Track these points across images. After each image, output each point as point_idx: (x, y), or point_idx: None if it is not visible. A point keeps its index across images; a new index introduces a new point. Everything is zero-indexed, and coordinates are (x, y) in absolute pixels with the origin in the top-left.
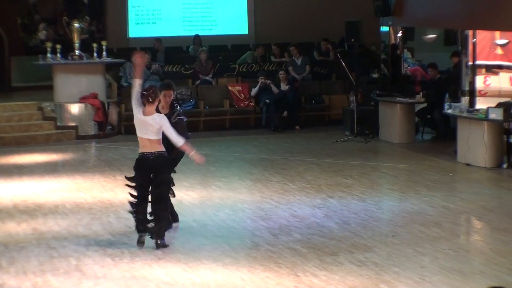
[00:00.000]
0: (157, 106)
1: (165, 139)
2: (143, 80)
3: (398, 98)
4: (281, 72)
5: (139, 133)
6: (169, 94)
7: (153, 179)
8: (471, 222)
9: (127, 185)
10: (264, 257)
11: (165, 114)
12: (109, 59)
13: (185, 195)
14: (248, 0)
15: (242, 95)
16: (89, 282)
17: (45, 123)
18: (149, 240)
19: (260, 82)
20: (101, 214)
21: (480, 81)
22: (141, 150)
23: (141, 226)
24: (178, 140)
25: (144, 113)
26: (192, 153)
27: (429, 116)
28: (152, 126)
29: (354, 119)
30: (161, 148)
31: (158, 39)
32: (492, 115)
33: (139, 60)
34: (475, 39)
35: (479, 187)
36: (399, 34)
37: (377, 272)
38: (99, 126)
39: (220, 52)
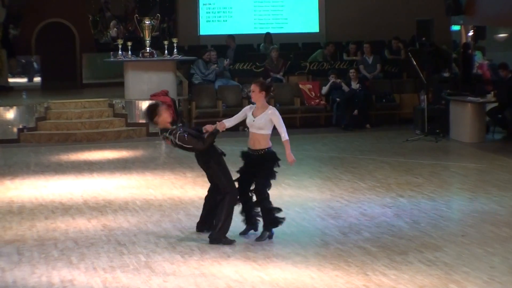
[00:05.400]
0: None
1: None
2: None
3: (469, 97)
4: (351, 71)
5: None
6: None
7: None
8: None
9: None
10: (333, 256)
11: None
12: (180, 57)
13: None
14: None
15: (313, 93)
16: (158, 279)
17: (116, 120)
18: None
19: (331, 80)
20: (170, 211)
21: None
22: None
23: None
24: None
25: None
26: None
27: (500, 116)
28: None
29: (424, 118)
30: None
31: (231, 36)
32: None
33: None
34: None
35: None
36: (470, 33)
37: (447, 272)
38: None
39: (291, 50)
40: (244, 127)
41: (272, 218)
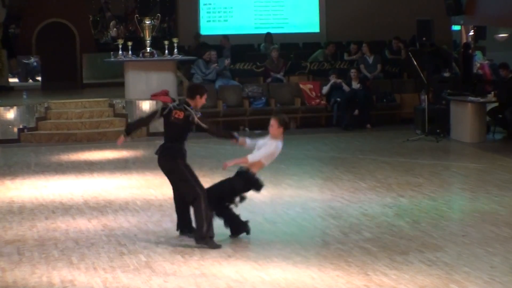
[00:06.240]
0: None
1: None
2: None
3: (469, 97)
4: (352, 71)
5: None
6: None
7: None
8: None
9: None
10: (334, 256)
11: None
12: (180, 56)
13: (256, 193)
14: None
15: (314, 93)
16: (158, 279)
17: (116, 119)
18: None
19: (331, 80)
20: (171, 211)
21: None
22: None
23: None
24: None
25: None
26: None
27: (500, 116)
28: None
29: (425, 118)
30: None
31: (226, 36)
32: None
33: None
34: None
35: None
36: (471, 33)
37: (447, 272)
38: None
39: (291, 50)
40: (244, 126)
41: (236, 225)
